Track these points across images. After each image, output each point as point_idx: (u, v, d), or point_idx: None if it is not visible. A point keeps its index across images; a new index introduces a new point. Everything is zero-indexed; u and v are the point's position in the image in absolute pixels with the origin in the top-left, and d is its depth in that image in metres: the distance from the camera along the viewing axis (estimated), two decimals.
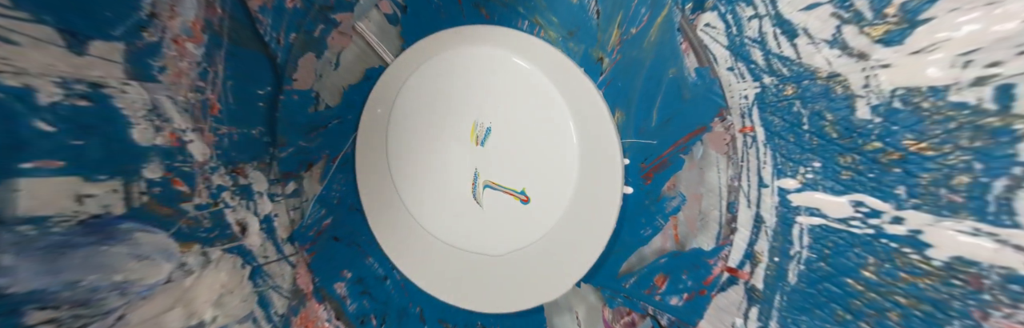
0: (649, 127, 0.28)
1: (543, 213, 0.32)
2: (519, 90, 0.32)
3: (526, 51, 0.32)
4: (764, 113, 0.24)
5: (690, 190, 0.27)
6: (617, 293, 0.30)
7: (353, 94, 0.41)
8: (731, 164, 0.25)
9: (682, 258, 0.27)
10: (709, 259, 0.26)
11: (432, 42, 0.35)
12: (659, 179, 0.28)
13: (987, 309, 0.19)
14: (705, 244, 0.27)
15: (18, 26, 0.37)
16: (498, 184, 0.33)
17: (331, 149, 0.44)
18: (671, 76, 0.27)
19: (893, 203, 0.21)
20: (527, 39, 0.32)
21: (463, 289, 0.36)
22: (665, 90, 0.27)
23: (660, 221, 0.28)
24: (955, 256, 0.20)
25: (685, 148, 0.27)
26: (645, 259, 0.29)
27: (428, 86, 0.37)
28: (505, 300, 0.33)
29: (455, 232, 0.37)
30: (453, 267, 0.37)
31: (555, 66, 0.31)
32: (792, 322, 0.24)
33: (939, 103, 0.20)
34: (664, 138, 0.27)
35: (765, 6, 0.23)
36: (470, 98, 0.34)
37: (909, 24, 0.20)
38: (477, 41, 0.34)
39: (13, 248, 0.37)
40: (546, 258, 0.32)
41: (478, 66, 0.34)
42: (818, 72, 0.22)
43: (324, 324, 0.44)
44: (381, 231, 0.41)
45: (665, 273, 0.28)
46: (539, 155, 0.32)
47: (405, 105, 0.38)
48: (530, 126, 0.32)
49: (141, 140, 0.46)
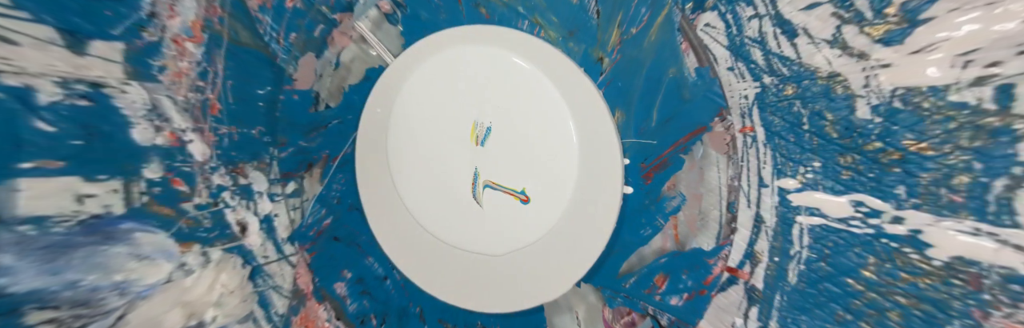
0: (649, 127, 0.28)
1: (543, 213, 0.32)
2: (519, 90, 0.32)
3: (526, 51, 0.32)
4: (764, 113, 0.24)
5: (690, 190, 0.27)
6: (617, 293, 0.30)
7: (353, 94, 0.41)
8: (731, 164, 0.25)
9: (682, 258, 0.27)
10: (709, 259, 0.26)
11: (432, 42, 0.35)
12: (659, 179, 0.28)
13: (987, 309, 0.19)
14: (705, 244, 0.27)
15: (18, 26, 0.37)
16: (498, 184, 0.33)
17: (331, 149, 0.44)
18: (671, 76, 0.27)
19: (893, 203, 0.21)
20: (527, 39, 0.32)
21: (463, 289, 0.36)
22: (665, 90, 0.27)
23: (660, 221, 0.28)
24: (955, 256, 0.20)
25: (685, 148, 0.27)
26: (645, 259, 0.29)
27: (428, 86, 0.37)
28: (505, 300, 0.33)
29: (455, 232, 0.37)
30: (453, 267, 0.37)
31: (555, 66, 0.31)
32: (792, 322, 0.24)
33: (939, 103, 0.20)
34: (664, 138, 0.27)
35: (765, 6, 0.23)
36: (470, 98, 0.34)
37: (909, 24, 0.20)
38: (477, 41, 0.34)
39: (13, 248, 0.37)
40: (546, 258, 0.32)
41: (478, 66, 0.34)
42: (818, 72, 0.22)
43: (324, 324, 0.44)
44: (381, 231, 0.41)
45: (665, 273, 0.28)
46: (539, 155, 0.32)
47: (405, 105, 0.38)
48: (530, 126, 0.32)
49: (141, 140, 0.46)
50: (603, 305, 0.31)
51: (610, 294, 0.30)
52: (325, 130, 0.44)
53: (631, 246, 0.29)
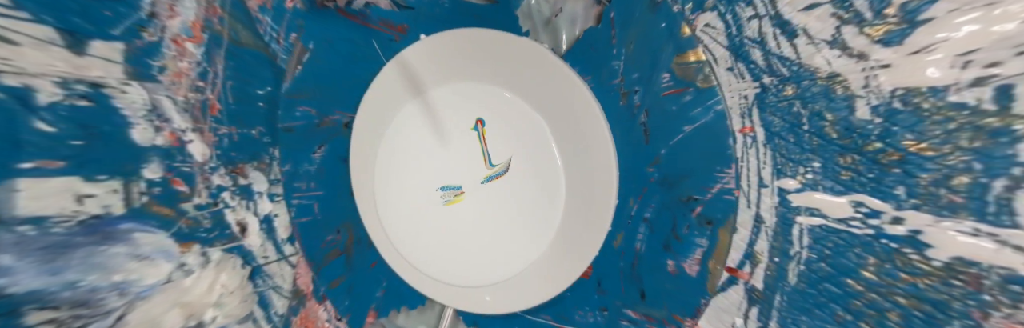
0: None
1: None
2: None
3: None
4: (764, 113, 0.24)
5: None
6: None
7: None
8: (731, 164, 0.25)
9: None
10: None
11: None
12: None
13: (987, 309, 0.19)
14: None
15: (18, 26, 0.37)
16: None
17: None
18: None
19: (893, 203, 0.21)
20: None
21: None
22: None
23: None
24: (955, 256, 0.20)
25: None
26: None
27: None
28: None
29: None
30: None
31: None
32: (792, 322, 0.24)
33: (939, 103, 0.20)
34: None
35: (765, 6, 0.23)
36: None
37: (909, 24, 0.20)
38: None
39: (13, 248, 0.37)
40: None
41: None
42: (818, 72, 0.22)
43: (324, 324, 0.44)
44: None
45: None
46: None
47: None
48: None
49: (141, 140, 0.46)
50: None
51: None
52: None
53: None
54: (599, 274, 0.32)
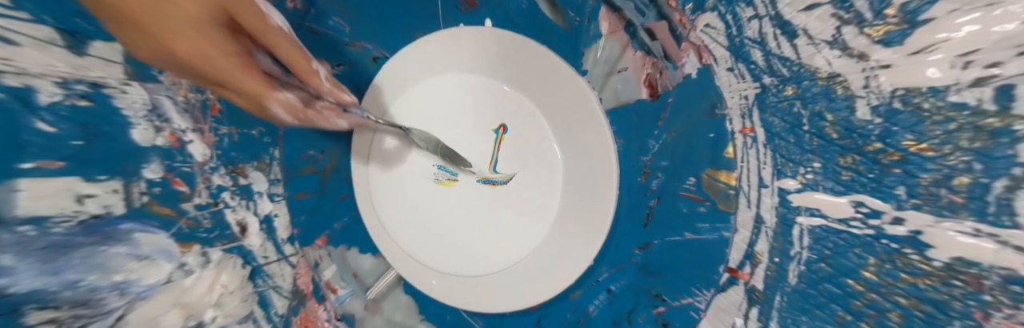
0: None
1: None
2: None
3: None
4: (764, 114, 0.24)
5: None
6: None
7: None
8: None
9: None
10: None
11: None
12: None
13: (988, 310, 0.19)
14: None
15: (18, 26, 0.37)
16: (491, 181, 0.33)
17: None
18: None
19: (893, 204, 0.21)
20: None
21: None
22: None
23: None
24: (956, 257, 0.20)
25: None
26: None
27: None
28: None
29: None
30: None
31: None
32: (792, 323, 0.24)
33: (939, 104, 0.20)
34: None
35: (765, 6, 0.23)
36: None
37: (909, 25, 0.20)
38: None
39: (13, 248, 0.37)
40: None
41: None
42: (818, 72, 0.22)
43: (324, 324, 0.44)
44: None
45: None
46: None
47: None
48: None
49: (141, 140, 0.46)
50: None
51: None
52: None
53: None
54: (542, 313, 0.32)
